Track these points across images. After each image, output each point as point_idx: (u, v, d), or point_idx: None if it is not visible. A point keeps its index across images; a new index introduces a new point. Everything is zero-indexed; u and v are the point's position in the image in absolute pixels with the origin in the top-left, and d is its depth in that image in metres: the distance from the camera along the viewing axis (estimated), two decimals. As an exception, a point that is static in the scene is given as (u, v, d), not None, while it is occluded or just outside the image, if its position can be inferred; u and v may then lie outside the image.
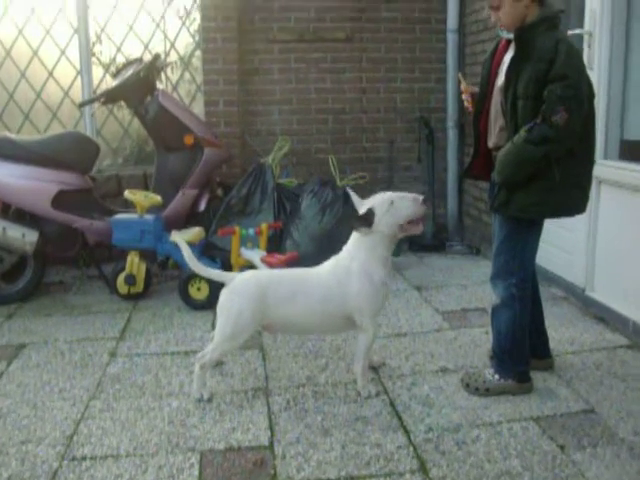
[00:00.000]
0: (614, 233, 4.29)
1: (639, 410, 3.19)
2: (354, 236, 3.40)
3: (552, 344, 3.73)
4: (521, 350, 3.39)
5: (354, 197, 3.42)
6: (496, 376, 3.40)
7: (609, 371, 3.61)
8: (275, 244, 5.15)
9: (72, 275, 5.67)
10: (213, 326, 4.34)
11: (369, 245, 3.32)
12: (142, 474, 2.79)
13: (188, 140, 5.20)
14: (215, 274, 3.47)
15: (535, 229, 3.31)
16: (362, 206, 3.35)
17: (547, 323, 3.67)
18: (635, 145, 4.29)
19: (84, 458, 2.93)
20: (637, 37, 4.24)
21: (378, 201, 3.31)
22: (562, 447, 2.89)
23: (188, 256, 3.40)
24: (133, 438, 3.07)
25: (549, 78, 2.95)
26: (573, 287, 4.72)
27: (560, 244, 4.80)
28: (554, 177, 3.06)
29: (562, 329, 4.18)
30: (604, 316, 4.33)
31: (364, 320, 3.33)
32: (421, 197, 3.32)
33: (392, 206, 3.26)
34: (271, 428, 3.11)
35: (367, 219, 3.27)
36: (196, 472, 2.79)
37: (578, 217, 3.47)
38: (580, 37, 4.43)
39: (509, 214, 3.22)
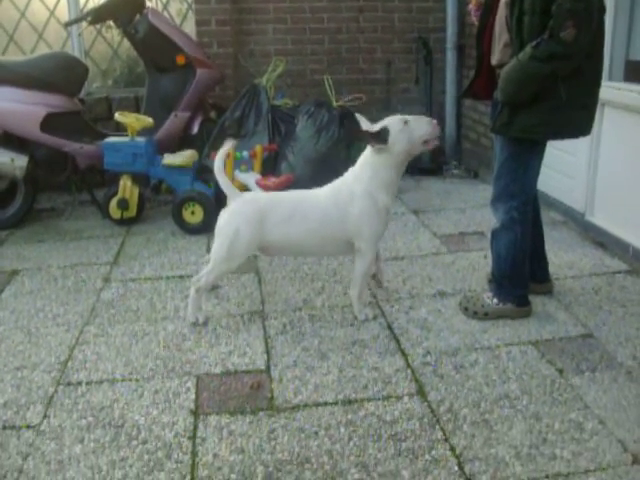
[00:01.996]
0: (616, 157, 4.20)
1: (637, 335, 3.17)
2: (362, 159, 3.31)
3: (551, 268, 3.69)
4: (521, 274, 3.35)
5: (363, 121, 3.30)
6: (495, 300, 3.37)
7: (608, 296, 3.58)
8: (270, 166, 5.05)
9: (64, 201, 5.58)
10: (208, 250, 4.30)
11: (378, 168, 3.23)
12: (138, 398, 2.77)
13: (180, 60, 5.06)
14: (227, 187, 3.32)
15: (537, 151, 3.21)
16: (373, 128, 3.25)
17: (546, 247, 3.62)
18: (641, 65, 4.17)
19: (79, 383, 2.90)
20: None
21: (392, 120, 3.22)
22: (561, 371, 2.88)
23: (218, 167, 3.28)
24: (128, 363, 3.04)
25: None
26: (573, 211, 4.65)
27: (560, 168, 4.71)
28: (560, 96, 2.95)
29: (561, 253, 4.13)
30: (603, 241, 4.28)
31: (363, 244, 3.27)
32: (434, 120, 3.24)
33: (407, 125, 3.17)
34: (268, 352, 3.09)
35: (382, 136, 3.18)
36: (192, 396, 2.77)
37: (580, 140, 3.39)
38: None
39: (511, 135, 3.12)
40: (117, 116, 4.71)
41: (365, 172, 3.25)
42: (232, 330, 3.31)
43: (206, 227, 4.59)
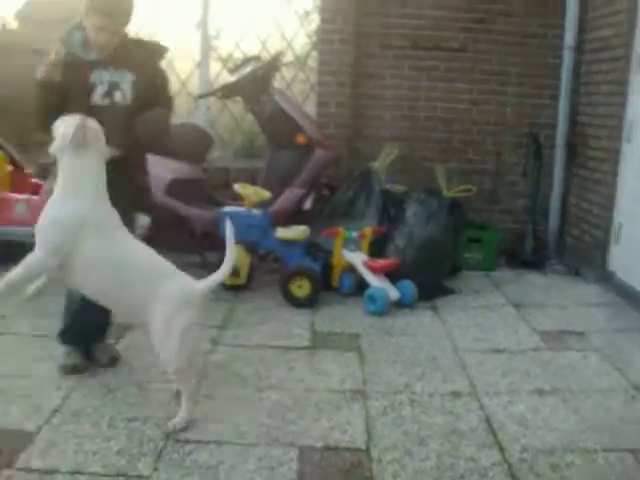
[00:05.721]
0: None
1: None
2: None
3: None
4: None
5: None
6: None
7: None
8: (377, 248, 5.19)
9: (173, 261, 5.82)
10: (313, 324, 4.45)
11: None
12: (243, 463, 2.89)
13: (300, 139, 5.30)
14: None
15: None
16: None
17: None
18: None
19: (187, 441, 3.05)
20: None
21: None
22: (662, 483, 2.86)
23: None
24: (235, 427, 3.18)
25: None
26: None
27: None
28: None
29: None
30: None
31: None
32: None
33: None
34: (368, 432, 3.17)
35: None
36: (295, 467, 2.88)
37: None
38: None
39: None
40: (237, 187, 4.97)
41: None
42: (334, 406, 3.41)
43: (312, 301, 4.75)
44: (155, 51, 3.78)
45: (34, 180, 6.10)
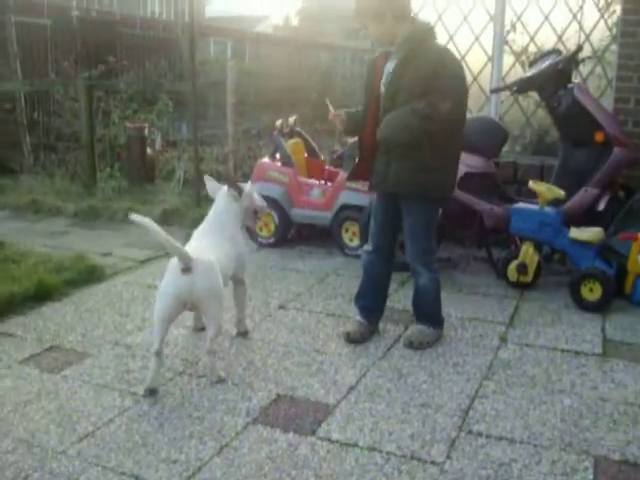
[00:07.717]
0: None
1: None
2: None
3: None
4: None
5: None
6: (431, 329, 4.09)
7: None
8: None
9: (459, 253, 5.92)
10: (603, 329, 4.29)
11: None
12: (536, 464, 2.89)
13: (598, 137, 5.08)
14: None
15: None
16: None
17: None
18: None
19: (480, 434, 3.11)
20: None
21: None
22: None
23: None
24: (526, 427, 3.18)
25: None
26: None
27: None
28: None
29: None
30: None
31: None
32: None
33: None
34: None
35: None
36: (590, 476, 2.81)
37: None
38: None
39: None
40: (531, 184, 4.90)
41: None
42: (630, 418, 3.27)
43: (602, 306, 4.57)
44: (422, 34, 3.75)
45: (327, 167, 6.48)
